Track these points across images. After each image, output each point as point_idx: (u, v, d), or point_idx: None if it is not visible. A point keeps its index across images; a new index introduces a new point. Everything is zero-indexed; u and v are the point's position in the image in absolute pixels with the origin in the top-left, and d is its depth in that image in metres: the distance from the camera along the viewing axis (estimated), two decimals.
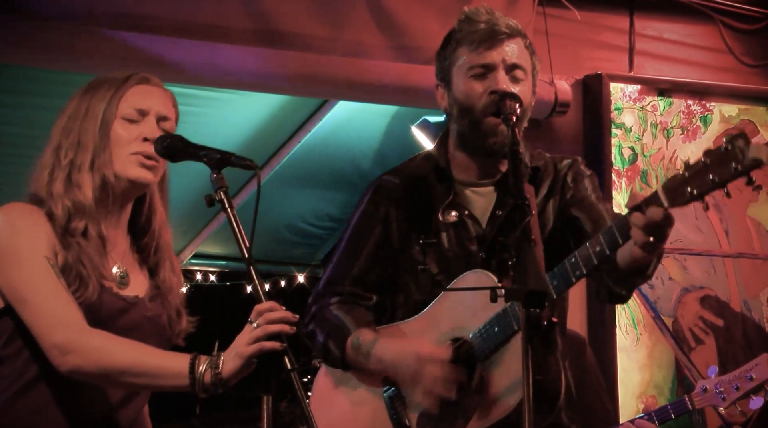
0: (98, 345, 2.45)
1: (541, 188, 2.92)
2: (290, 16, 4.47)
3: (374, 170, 6.32)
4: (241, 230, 2.44)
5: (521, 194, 2.47)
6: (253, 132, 5.67)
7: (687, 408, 4.11)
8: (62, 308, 2.46)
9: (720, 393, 4.04)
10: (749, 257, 5.13)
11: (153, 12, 4.26)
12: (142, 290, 2.69)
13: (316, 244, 7.54)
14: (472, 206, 2.92)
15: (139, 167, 2.63)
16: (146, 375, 2.46)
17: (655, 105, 5.09)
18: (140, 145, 2.63)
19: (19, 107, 4.94)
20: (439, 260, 2.90)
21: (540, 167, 2.96)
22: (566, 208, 2.91)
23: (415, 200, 2.97)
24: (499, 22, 2.86)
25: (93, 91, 2.68)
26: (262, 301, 2.42)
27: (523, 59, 2.86)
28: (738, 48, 5.25)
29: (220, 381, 2.42)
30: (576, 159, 3.01)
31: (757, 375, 3.99)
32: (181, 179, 5.62)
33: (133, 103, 2.66)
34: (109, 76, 2.71)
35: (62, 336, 2.44)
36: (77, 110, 2.66)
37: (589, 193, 2.92)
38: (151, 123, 2.66)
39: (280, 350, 2.36)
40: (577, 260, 2.58)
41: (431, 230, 2.92)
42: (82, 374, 2.45)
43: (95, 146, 2.61)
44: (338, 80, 4.54)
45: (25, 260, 2.49)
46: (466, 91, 2.86)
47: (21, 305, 2.49)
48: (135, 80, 2.70)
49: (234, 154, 2.50)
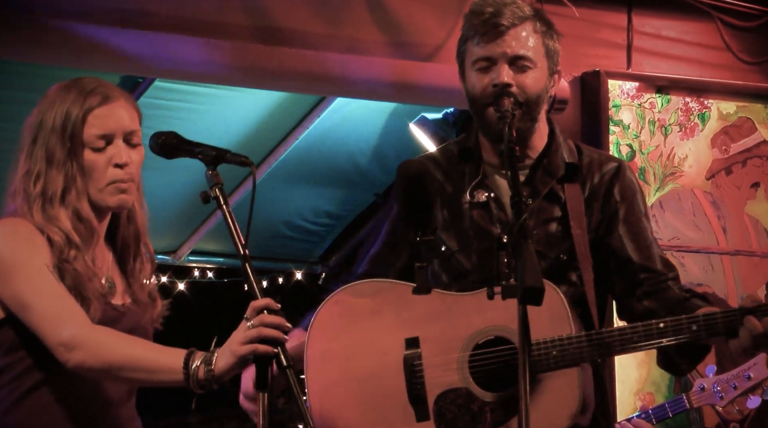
0: (101, 341, 2.49)
1: (585, 185, 2.92)
2: (288, 12, 4.47)
3: (372, 167, 6.32)
4: (236, 227, 2.44)
5: (518, 190, 2.48)
6: (250, 129, 5.66)
7: (684, 407, 4.12)
8: (66, 307, 2.50)
9: (718, 392, 4.05)
10: (747, 255, 5.13)
11: (150, 9, 4.26)
12: (126, 298, 2.72)
13: (314, 241, 7.52)
14: (499, 190, 2.92)
15: (118, 195, 2.65)
16: (144, 370, 2.49)
17: (653, 102, 5.09)
18: (114, 172, 2.63)
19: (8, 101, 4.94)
20: (459, 239, 2.92)
21: (583, 165, 2.94)
22: (613, 225, 2.90)
23: (438, 179, 2.98)
24: (503, 11, 2.85)
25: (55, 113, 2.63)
26: (257, 298, 2.42)
27: (531, 45, 2.86)
28: (736, 45, 5.24)
29: (212, 377, 2.43)
30: (622, 164, 2.98)
31: (755, 374, 4.00)
32: (178, 175, 5.63)
33: (96, 131, 2.63)
34: (67, 90, 2.66)
35: (68, 332, 2.47)
36: (41, 129, 2.63)
37: (642, 218, 2.91)
38: (119, 145, 2.64)
39: (274, 352, 2.37)
40: (667, 326, 2.61)
41: (456, 208, 2.94)
42: (86, 369, 2.49)
43: (66, 177, 2.61)
44: (336, 77, 4.53)
45: (26, 269, 2.52)
46: (473, 84, 2.89)
47: (25, 311, 2.51)
48: (95, 102, 2.64)
49: (229, 151, 2.50)
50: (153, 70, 4.45)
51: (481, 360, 2.77)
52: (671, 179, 5.10)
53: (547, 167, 2.91)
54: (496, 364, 2.74)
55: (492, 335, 2.77)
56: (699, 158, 5.14)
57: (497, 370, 2.75)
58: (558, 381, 2.67)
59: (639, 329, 2.66)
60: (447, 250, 2.92)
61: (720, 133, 5.17)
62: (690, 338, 2.58)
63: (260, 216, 6.28)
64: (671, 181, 5.10)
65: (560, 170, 2.91)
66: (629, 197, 2.92)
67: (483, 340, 2.77)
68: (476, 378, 2.76)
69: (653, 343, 2.66)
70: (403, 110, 5.61)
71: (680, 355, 2.78)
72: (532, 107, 2.86)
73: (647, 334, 2.65)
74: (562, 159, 2.92)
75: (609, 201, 2.91)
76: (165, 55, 4.21)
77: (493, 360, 2.75)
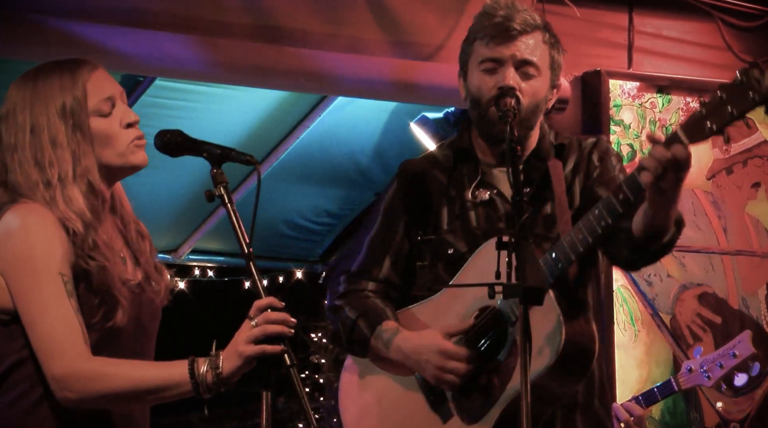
0: (95, 374, 2.42)
1: (567, 164, 2.97)
2: (288, 11, 4.47)
3: (373, 167, 6.32)
4: (241, 226, 2.44)
5: (519, 190, 2.49)
6: (251, 128, 5.66)
7: (673, 389, 4.14)
8: (64, 335, 2.42)
9: (705, 372, 4.07)
10: (747, 255, 5.14)
11: (150, 8, 4.26)
12: (138, 272, 2.65)
13: (314, 240, 7.53)
14: (501, 186, 2.96)
15: (140, 152, 2.61)
16: (149, 391, 2.45)
17: (653, 102, 5.09)
18: (128, 133, 2.60)
19: None
20: (468, 240, 2.94)
21: (565, 144, 2.99)
22: (592, 186, 2.93)
23: (440, 180, 3.02)
24: (515, 17, 2.89)
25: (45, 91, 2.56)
26: (261, 296, 2.42)
27: (538, 54, 2.90)
28: (737, 45, 5.24)
29: (221, 380, 2.41)
30: (600, 137, 3.05)
31: (739, 351, 4.03)
32: (179, 174, 5.63)
33: (99, 95, 2.58)
34: (49, 70, 2.60)
35: (59, 369, 2.40)
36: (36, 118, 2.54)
37: (616, 173, 2.94)
38: (122, 107, 2.62)
39: (282, 351, 2.37)
40: (600, 210, 2.63)
41: (459, 210, 2.97)
42: (85, 404, 2.44)
43: (74, 153, 2.54)
44: (336, 76, 4.53)
45: (39, 275, 2.44)
46: (477, 85, 2.92)
47: (27, 324, 2.45)
48: (87, 70, 2.60)
49: (234, 149, 2.50)
50: (153, 69, 4.46)
51: (474, 335, 2.87)
52: None
53: (537, 153, 2.96)
54: (486, 330, 2.84)
55: (475, 309, 2.86)
56: (699, 157, 5.13)
57: (491, 335, 2.84)
58: (538, 323, 2.64)
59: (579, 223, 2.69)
60: (455, 252, 2.94)
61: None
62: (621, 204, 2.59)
63: (261, 215, 6.24)
64: None
65: (550, 154, 2.96)
66: (605, 159, 2.97)
67: (471, 318, 2.87)
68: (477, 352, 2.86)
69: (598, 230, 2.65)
70: (403, 109, 5.61)
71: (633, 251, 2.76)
72: (530, 115, 2.89)
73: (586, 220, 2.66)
74: (550, 143, 2.98)
75: (588, 168, 2.96)
76: (165, 54, 4.21)
77: (483, 328, 2.85)
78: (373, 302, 3.01)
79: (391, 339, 2.93)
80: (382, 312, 2.98)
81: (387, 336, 2.94)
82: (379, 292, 3.04)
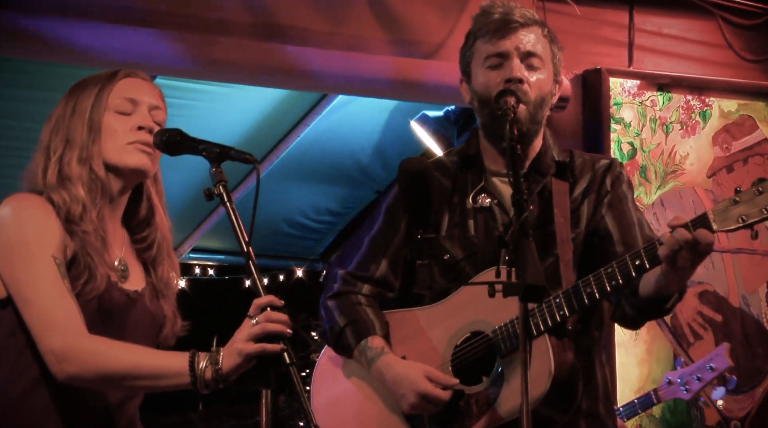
0: (96, 351, 2.44)
1: (578, 184, 2.95)
2: (289, 10, 4.47)
3: (373, 165, 6.33)
4: (240, 224, 2.44)
5: (519, 189, 2.48)
6: (252, 126, 5.67)
7: (652, 402, 4.20)
8: (62, 312, 2.44)
9: (683, 385, 4.10)
10: (748, 253, 5.13)
11: (150, 6, 4.26)
12: (140, 285, 2.68)
13: (315, 238, 7.54)
14: (501, 196, 2.94)
15: (138, 154, 2.63)
16: (147, 377, 2.46)
17: (654, 100, 5.09)
18: (136, 134, 2.63)
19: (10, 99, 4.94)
20: (464, 246, 2.93)
21: (576, 163, 2.98)
22: (601, 211, 2.92)
23: (443, 185, 3.01)
24: (513, 12, 2.90)
25: (79, 91, 2.67)
26: (261, 295, 2.42)
27: (540, 47, 2.90)
28: (737, 43, 5.24)
29: (220, 377, 2.42)
30: (614, 160, 3.03)
31: (716, 365, 4.05)
32: (179, 173, 5.63)
33: (123, 94, 2.65)
34: (95, 74, 2.70)
35: (59, 342, 2.42)
36: (64, 110, 2.65)
37: (628, 206, 2.94)
38: (143, 112, 2.65)
39: (282, 349, 2.37)
40: (614, 270, 2.64)
41: (459, 217, 2.96)
42: (81, 381, 2.45)
43: (83, 140, 2.60)
44: (337, 75, 4.53)
45: (32, 257, 2.47)
46: (484, 82, 2.90)
47: (22, 304, 2.47)
48: (123, 74, 2.69)
49: (233, 148, 2.49)
50: (152, 67, 4.45)
51: (461, 358, 2.85)
52: (672, 177, 5.10)
53: (537, 166, 2.94)
54: (474, 356, 2.82)
55: (467, 332, 2.84)
56: (700, 155, 5.14)
57: (476, 361, 2.82)
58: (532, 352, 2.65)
59: (590, 277, 2.69)
60: (451, 258, 2.94)
61: (721, 131, 5.17)
62: (636, 270, 2.61)
63: (261, 213, 6.26)
64: (672, 179, 5.10)
65: (551, 168, 2.94)
66: (616, 185, 2.96)
67: (460, 340, 2.85)
68: (459, 375, 2.84)
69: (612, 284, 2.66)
70: (404, 107, 5.61)
71: (633, 309, 2.79)
72: (538, 108, 2.88)
73: (598, 278, 2.67)
74: (552, 158, 2.96)
75: (600, 191, 2.95)
76: (164, 52, 4.21)
77: (471, 353, 2.83)
78: (364, 310, 3.00)
79: (374, 359, 2.92)
80: (371, 326, 2.97)
81: (371, 354, 2.93)
82: (373, 296, 3.03)
